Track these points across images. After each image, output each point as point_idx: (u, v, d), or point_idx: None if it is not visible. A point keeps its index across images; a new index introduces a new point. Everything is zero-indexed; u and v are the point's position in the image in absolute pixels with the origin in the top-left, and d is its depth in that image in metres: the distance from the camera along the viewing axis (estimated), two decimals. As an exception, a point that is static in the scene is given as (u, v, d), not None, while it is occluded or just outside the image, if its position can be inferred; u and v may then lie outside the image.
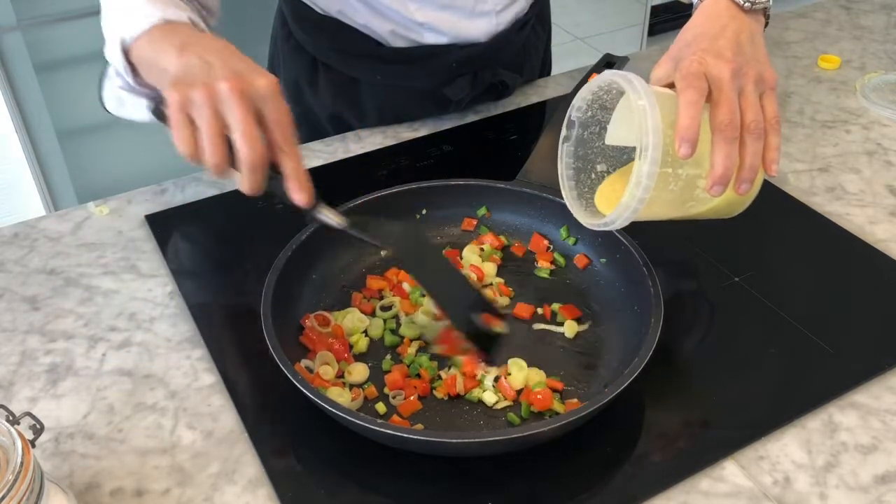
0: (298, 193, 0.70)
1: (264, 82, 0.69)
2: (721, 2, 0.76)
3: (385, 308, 0.81)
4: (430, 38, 1.03)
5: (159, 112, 0.75)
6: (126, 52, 0.77)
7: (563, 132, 0.75)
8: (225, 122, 0.68)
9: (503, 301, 0.82)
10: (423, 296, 0.81)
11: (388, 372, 0.74)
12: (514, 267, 0.86)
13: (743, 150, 0.69)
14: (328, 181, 1.01)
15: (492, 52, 1.07)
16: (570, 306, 0.80)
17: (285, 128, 0.70)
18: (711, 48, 0.71)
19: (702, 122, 0.67)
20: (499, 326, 0.75)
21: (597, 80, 0.70)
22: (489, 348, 0.74)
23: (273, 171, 0.71)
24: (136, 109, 0.86)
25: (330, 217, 0.72)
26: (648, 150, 0.64)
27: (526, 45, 1.14)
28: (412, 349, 0.76)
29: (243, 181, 0.70)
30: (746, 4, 0.76)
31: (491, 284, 0.84)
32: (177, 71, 0.70)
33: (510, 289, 0.83)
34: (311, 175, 0.70)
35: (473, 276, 0.82)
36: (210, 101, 0.67)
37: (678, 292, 0.76)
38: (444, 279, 0.75)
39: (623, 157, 0.77)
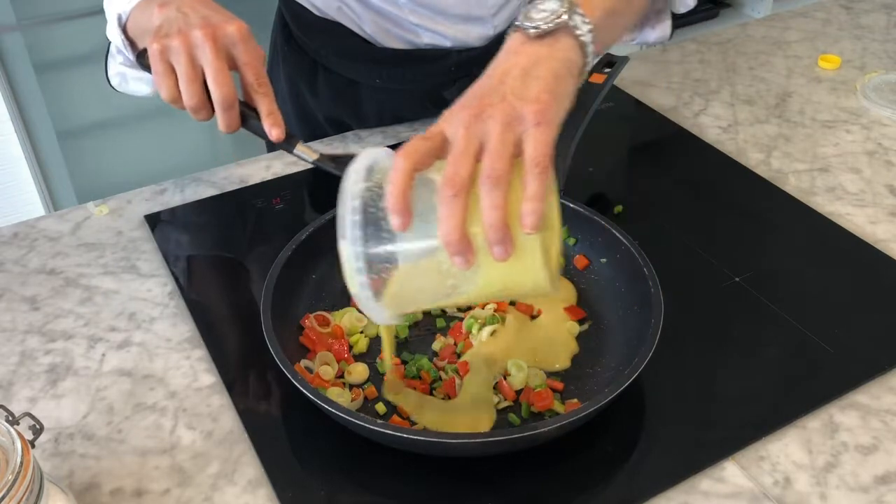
0: (273, 129, 0.78)
1: (234, 28, 0.77)
2: (514, 34, 0.68)
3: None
4: (427, 39, 1.03)
5: (145, 64, 0.82)
6: (124, 29, 0.84)
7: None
8: (200, 66, 0.75)
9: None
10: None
11: (385, 374, 0.74)
12: (514, 267, 0.86)
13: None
14: (328, 181, 1.01)
15: (490, 55, 1.06)
16: (570, 306, 0.80)
17: (257, 69, 0.79)
18: (466, 96, 0.63)
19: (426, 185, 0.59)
20: None
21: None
22: None
23: (250, 110, 0.80)
24: (138, 84, 0.94)
25: (304, 152, 0.81)
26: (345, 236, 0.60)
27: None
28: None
29: (219, 120, 0.78)
30: (531, 30, 0.66)
31: (491, 284, 0.84)
32: (158, 23, 0.77)
33: (510, 289, 0.83)
34: (320, 173, 0.75)
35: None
36: (186, 48, 0.75)
37: (678, 292, 0.76)
38: None
39: None
